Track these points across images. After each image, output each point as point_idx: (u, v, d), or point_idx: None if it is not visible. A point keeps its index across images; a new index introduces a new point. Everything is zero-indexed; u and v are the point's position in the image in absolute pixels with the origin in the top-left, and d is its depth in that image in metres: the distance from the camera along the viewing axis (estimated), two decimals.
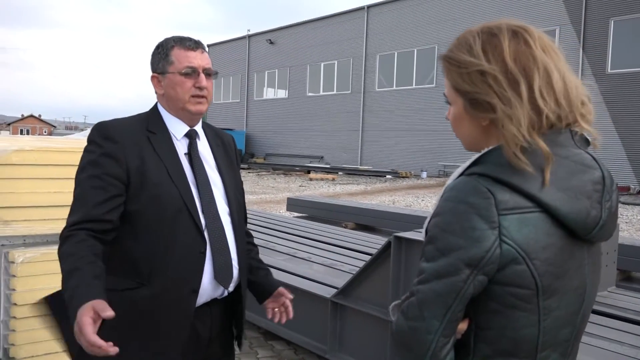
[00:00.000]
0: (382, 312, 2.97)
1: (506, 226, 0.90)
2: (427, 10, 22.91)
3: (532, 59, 0.95)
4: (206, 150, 1.72)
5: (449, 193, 0.96)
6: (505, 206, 0.91)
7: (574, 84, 0.98)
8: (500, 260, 0.91)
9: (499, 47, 0.96)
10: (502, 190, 0.92)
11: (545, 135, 0.94)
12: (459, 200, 0.93)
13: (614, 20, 17.61)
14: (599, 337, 2.62)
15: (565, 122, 0.96)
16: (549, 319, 0.96)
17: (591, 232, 0.97)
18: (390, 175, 21.22)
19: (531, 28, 1.00)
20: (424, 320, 0.94)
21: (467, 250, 0.91)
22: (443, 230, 0.94)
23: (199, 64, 1.62)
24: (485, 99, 0.96)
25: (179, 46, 1.62)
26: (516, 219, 0.91)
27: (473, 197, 0.92)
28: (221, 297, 1.68)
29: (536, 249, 0.92)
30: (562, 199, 0.93)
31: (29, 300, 2.71)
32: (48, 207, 2.79)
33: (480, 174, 0.95)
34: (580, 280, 0.99)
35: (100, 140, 1.56)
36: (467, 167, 0.99)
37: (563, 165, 0.95)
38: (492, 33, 0.98)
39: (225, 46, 34.19)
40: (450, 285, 0.92)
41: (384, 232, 7.09)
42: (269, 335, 3.92)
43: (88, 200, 1.50)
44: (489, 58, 0.96)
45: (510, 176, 0.92)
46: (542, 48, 0.97)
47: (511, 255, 0.91)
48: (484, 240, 0.90)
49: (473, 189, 0.93)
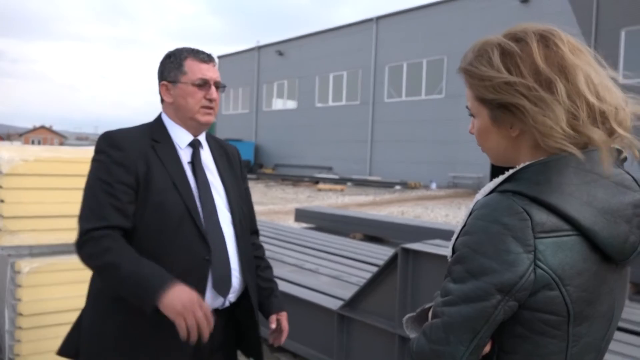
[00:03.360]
0: (389, 325, 2.93)
1: (542, 250, 0.85)
2: (436, 22, 22.95)
3: (562, 62, 0.91)
4: (209, 160, 1.74)
5: (481, 211, 0.90)
6: (542, 228, 0.85)
7: (608, 89, 0.93)
8: (533, 286, 0.86)
9: (526, 50, 0.92)
10: (539, 211, 0.86)
11: (585, 152, 0.89)
12: (493, 220, 0.87)
13: (625, 31, 17.52)
14: (612, 352, 2.56)
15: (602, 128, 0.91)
16: (577, 345, 0.91)
17: (629, 257, 0.91)
18: (399, 186, 21.15)
19: (558, 31, 0.96)
20: (449, 344, 0.88)
21: (501, 274, 0.85)
22: (474, 250, 0.88)
23: (211, 76, 1.66)
24: (512, 101, 0.91)
25: (192, 57, 1.66)
26: (553, 243, 0.85)
27: (508, 217, 0.86)
28: (222, 307, 1.67)
29: (571, 275, 0.86)
30: (602, 222, 0.87)
31: (35, 311, 2.71)
32: (55, 218, 2.80)
33: (515, 192, 0.88)
34: (609, 305, 0.94)
35: (108, 149, 1.58)
36: (500, 183, 0.93)
37: (603, 185, 0.89)
38: (518, 38, 0.94)
39: (235, 57, 34.45)
40: (480, 311, 0.86)
41: (392, 244, 7.04)
42: (275, 347, 3.89)
43: (102, 207, 1.52)
44: (513, 66, 0.92)
45: (549, 195, 0.86)
46: (573, 51, 0.93)
47: (545, 280, 0.85)
48: (519, 265, 0.84)
49: (508, 208, 0.87)
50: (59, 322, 2.70)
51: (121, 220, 1.53)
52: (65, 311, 2.67)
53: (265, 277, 1.89)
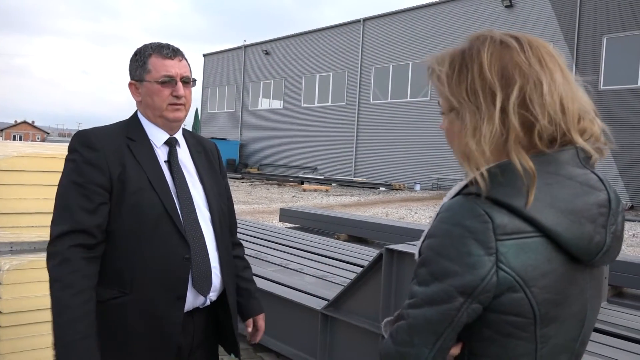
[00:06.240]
0: (373, 325, 2.95)
1: (504, 252, 0.85)
2: (422, 24, 23.11)
3: (518, 69, 0.89)
4: (186, 158, 1.71)
5: (445, 214, 0.91)
6: (503, 231, 0.85)
7: (571, 97, 0.91)
8: (496, 288, 0.86)
9: (478, 57, 0.92)
10: (500, 213, 0.86)
11: (544, 153, 0.89)
12: (455, 223, 0.88)
13: (606, 38, 17.82)
14: (590, 354, 2.60)
15: (562, 137, 0.90)
16: (546, 347, 0.91)
17: (595, 257, 0.91)
18: (384, 187, 21.23)
19: (525, 37, 0.94)
20: (413, 346, 0.89)
21: (462, 277, 0.85)
22: (437, 253, 0.88)
23: (177, 72, 1.61)
24: (459, 109, 0.92)
25: (156, 54, 1.61)
26: (515, 245, 0.86)
27: (470, 220, 0.86)
28: (203, 306, 1.67)
29: (535, 276, 0.86)
30: (565, 223, 0.87)
31: (15, 309, 2.66)
32: (36, 214, 2.76)
33: (479, 195, 0.88)
34: (581, 306, 0.94)
35: (81, 148, 1.54)
36: (465, 186, 0.94)
37: (567, 186, 0.89)
38: (477, 41, 0.95)
39: (221, 56, 34.27)
40: (443, 313, 0.87)
41: (377, 244, 7.07)
42: (259, 347, 3.88)
43: (74, 209, 1.48)
44: (467, 69, 0.92)
45: (511, 198, 0.86)
46: (537, 58, 0.91)
47: (508, 283, 0.86)
48: (480, 267, 0.85)
49: (470, 211, 0.87)
50: (39, 320, 2.66)
51: (92, 222, 1.48)
52: (45, 309, 2.62)
53: (245, 277, 1.89)
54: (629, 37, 17.32)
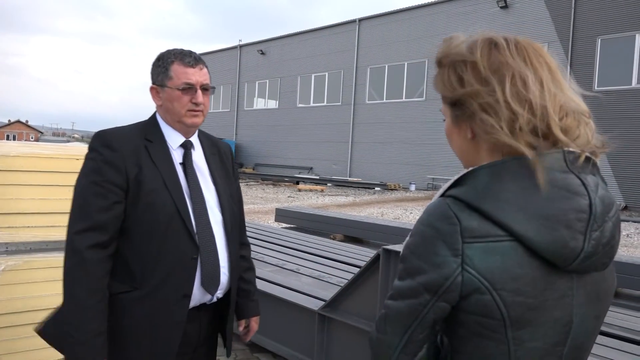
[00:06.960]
0: (370, 325, 2.95)
1: (469, 255, 0.88)
2: (418, 25, 23.15)
3: (505, 65, 0.92)
4: (201, 160, 1.77)
5: (423, 215, 0.95)
6: (471, 234, 0.88)
7: (554, 93, 0.91)
8: (462, 289, 0.89)
9: (473, 55, 0.95)
10: (470, 217, 0.89)
11: (526, 157, 0.88)
12: (428, 224, 0.92)
13: (600, 39, 17.92)
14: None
15: (544, 133, 0.90)
16: (521, 350, 0.91)
17: (571, 263, 0.90)
18: (379, 187, 21.26)
19: (512, 37, 0.97)
20: (386, 334, 0.97)
21: (428, 275, 0.90)
22: (411, 252, 0.94)
23: (197, 80, 1.68)
24: (462, 102, 0.95)
25: (178, 62, 1.67)
26: (481, 248, 0.88)
27: (440, 222, 0.90)
28: (210, 302, 1.74)
29: (503, 279, 0.87)
30: (536, 228, 0.87)
31: (11, 309, 2.65)
32: (32, 214, 2.74)
33: (455, 197, 0.92)
34: (564, 311, 0.93)
35: (100, 148, 1.61)
36: (448, 188, 0.96)
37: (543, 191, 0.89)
38: (472, 44, 0.98)
39: (216, 55, 34.22)
40: (411, 307, 0.93)
41: (372, 245, 7.08)
42: (255, 348, 3.88)
43: (91, 207, 1.55)
44: (465, 69, 0.96)
45: (483, 202, 0.88)
46: (523, 57, 0.93)
47: (474, 284, 0.88)
48: (445, 267, 0.89)
49: (441, 213, 0.91)
50: (34, 320, 2.63)
51: (107, 220, 1.55)
52: (41, 310, 2.61)
53: (246, 278, 1.96)
54: (623, 38, 17.43)
